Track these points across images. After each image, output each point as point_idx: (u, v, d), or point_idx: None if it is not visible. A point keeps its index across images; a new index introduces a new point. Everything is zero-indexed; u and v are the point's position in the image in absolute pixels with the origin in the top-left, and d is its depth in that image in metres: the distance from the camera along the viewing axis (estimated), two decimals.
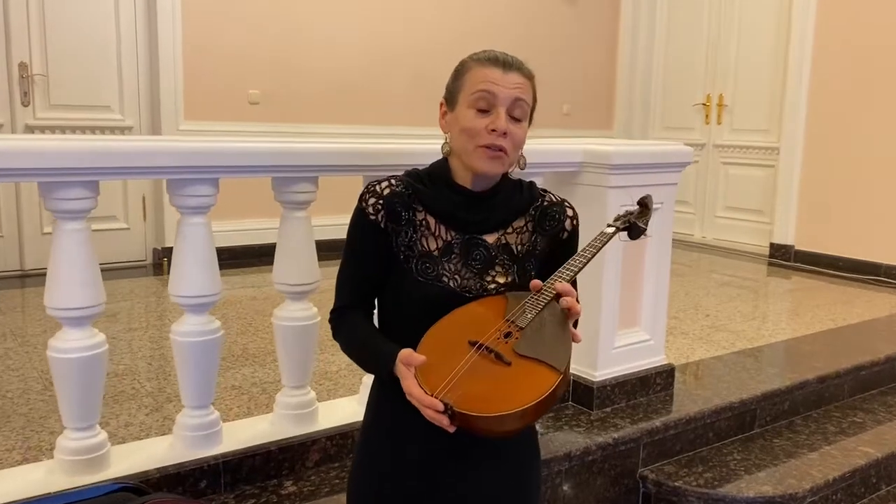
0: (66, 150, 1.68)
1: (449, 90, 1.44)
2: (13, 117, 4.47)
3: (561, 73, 6.53)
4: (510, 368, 1.22)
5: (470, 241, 1.42)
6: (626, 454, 2.49)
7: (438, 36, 5.75)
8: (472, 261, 1.41)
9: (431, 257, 1.40)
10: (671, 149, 2.69)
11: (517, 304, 1.32)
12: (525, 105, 1.39)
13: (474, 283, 1.40)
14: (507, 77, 1.37)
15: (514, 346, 1.25)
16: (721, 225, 6.28)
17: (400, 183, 1.42)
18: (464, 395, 1.17)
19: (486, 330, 1.27)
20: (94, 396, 1.84)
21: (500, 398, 1.18)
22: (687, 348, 3.45)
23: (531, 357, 1.23)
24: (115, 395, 2.70)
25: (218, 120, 5.01)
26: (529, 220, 1.48)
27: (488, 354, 1.24)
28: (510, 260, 1.43)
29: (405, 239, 1.40)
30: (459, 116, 1.38)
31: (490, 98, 1.35)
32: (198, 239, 1.92)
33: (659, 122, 6.82)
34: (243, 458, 2.02)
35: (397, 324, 1.42)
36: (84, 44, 4.61)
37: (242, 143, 1.92)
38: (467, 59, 1.43)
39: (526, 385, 1.19)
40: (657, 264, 2.74)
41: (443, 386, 1.19)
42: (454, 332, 1.29)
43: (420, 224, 1.41)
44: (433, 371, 1.22)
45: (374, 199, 1.40)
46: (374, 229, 1.40)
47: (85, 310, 1.77)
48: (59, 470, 1.84)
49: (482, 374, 1.21)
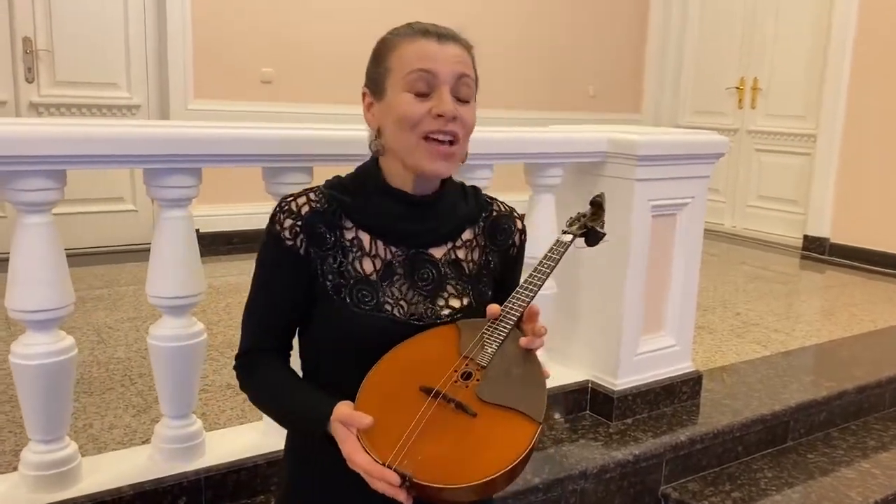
0: (26, 137, 1.50)
1: (371, 76, 1.19)
2: (17, 94, 4.32)
3: (586, 52, 6.26)
4: (477, 421, 1.00)
5: (415, 257, 1.18)
6: (648, 470, 2.29)
7: (456, 12, 5.51)
8: (420, 281, 1.17)
9: (368, 282, 1.15)
10: (704, 138, 2.46)
11: (473, 336, 1.10)
12: (471, 81, 1.16)
13: (424, 309, 1.16)
14: (444, 49, 1.13)
15: (476, 390, 1.03)
16: (752, 215, 6.00)
17: (321, 196, 1.18)
18: (424, 461, 0.95)
19: (439, 372, 1.04)
20: (61, 406, 1.67)
21: (471, 461, 0.95)
22: (714, 349, 3.24)
23: (500, 405, 1.01)
24: (104, 392, 2.55)
25: (229, 99, 4.82)
26: (479, 233, 1.25)
27: (447, 404, 1.01)
28: (462, 279, 1.20)
29: (333, 264, 1.15)
30: (392, 104, 1.13)
31: (429, 78, 1.11)
32: (177, 234, 1.74)
33: (689, 105, 6.53)
34: (227, 472, 1.86)
35: (330, 367, 1.17)
36: (90, 18, 4.43)
37: (226, 129, 1.72)
38: (389, 36, 1.18)
39: (500, 441, 0.97)
40: (686, 264, 2.52)
41: (396, 450, 0.96)
42: (400, 376, 1.05)
43: (351, 244, 1.17)
44: (380, 430, 0.98)
45: (291, 221, 1.14)
46: (292, 257, 1.15)
47: (50, 312, 1.60)
48: (23, 485, 1.68)
49: (443, 430, 0.98)
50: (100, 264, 4.20)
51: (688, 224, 2.50)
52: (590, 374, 2.52)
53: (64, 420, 1.70)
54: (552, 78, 6.12)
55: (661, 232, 2.45)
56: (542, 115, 5.83)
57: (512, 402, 1.01)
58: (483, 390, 1.02)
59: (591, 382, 2.49)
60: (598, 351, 2.50)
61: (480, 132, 2.14)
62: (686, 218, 2.49)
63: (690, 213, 2.49)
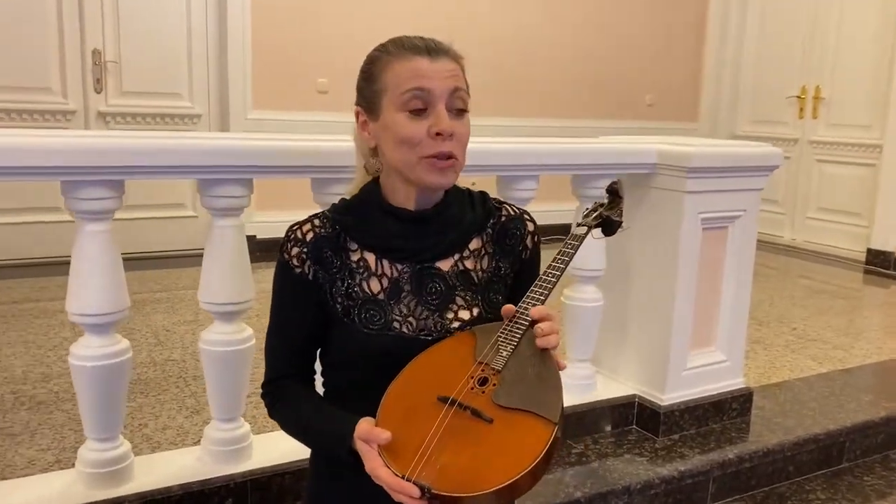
0: (85, 148, 1.57)
1: (364, 94, 1.19)
2: (86, 104, 4.51)
3: (644, 61, 6.20)
4: (493, 426, 0.99)
5: (421, 272, 1.19)
6: (694, 488, 2.25)
7: (514, 20, 5.53)
8: (428, 296, 1.18)
9: (376, 302, 1.17)
10: (758, 150, 2.42)
11: (488, 341, 1.09)
12: (465, 94, 1.16)
13: (433, 323, 1.17)
14: (437, 65, 1.12)
15: (492, 395, 1.02)
16: (813, 227, 5.83)
17: (325, 221, 1.20)
18: (442, 471, 0.95)
19: (455, 380, 1.04)
20: (115, 407, 1.74)
21: (487, 467, 0.96)
22: (768, 366, 3.16)
23: (516, 408, 1.01)
24: (159, 393, 2.63)
25: (286, 109, 4.94)
26: (488, 241, 1.24)
27: (463, 412, 1.01)
28: (472, 289, 1.20)
29: (342, 287, 1.17)
30: (389, 124, 1.14)
31: (425, 96, 1.11)
32: (227, 243, 1.79)
33: (748, 114, 6.39)
34: (272, 476, 1.90)
35: (347, 388, 1.20)
36: (155, 31, 4.60)
37: (274, 141, 1.77)
38: (379, 54, 1.18)
39: (515, 446, 0.97)
40: (737, 278, 2.47)
41: (414, 463, 0.96)
42: (418, 388, 1.06)
43: (357, 266, 1.18)
44: (400, 443, 0.99)
45: (298, 249, 1.17)
46: (302, 284, 1.17)
47: (106, 316, 1.67)
48: (80, 481, 1.75)
49: (460, 438, 0.98)
50: (161, 268, 4.33)
51: (739, 237, 2.45)
52: (637, 388, 2.49)
53: (118, 420, 1.77)
54: (608, 86, 6.07)
55: (712, 245, 2.41)
56: (598, 123, 5.79)
57: (527, 405, 1.01)
58: (498, 395, 1.03)
59: (637, 397, 2.46)
60: (645, 365, 2.47)
61: (525, 143, 2.17)
62: (738, 231, 2.44)
63: (742, 226, 2.44)
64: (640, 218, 2.43)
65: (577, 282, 2.39)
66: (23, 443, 2.22)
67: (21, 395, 2.56)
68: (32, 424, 2.35)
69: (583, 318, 2.39)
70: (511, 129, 5.27)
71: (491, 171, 2.12)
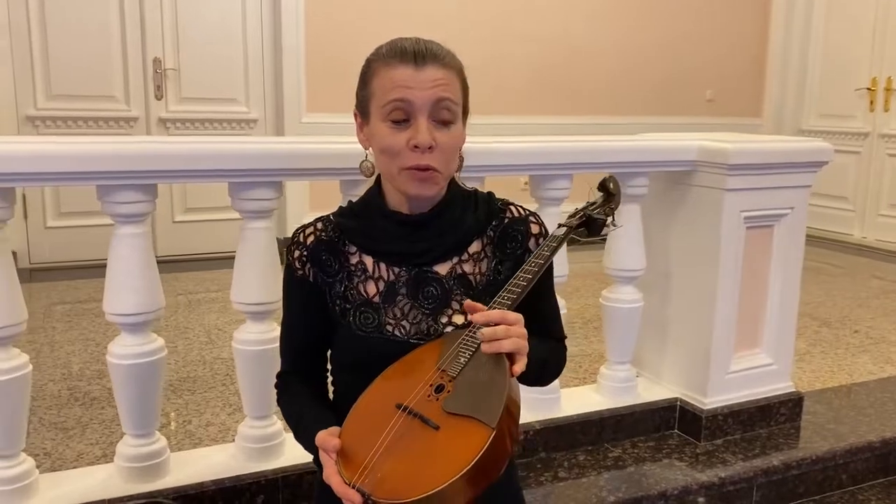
0: (119, 153, 1.63)
1: (359, 98, 1.20)
2: (147, 111, 4.67)
3: (703, 54, 6.04)
4: (438, 433, 0.99)
5: (418, 276, 1.18)
6: (736, 495, 2.18)
7: (569, 16, 5.47)
8: (423, 299, 1.18)
9: (370, 305, 1.18)
10: (804, 146, 2.33)
11: (450, 348, 1.08)
12: (452, 104, 1.13)
13: (427, 327, 1.17)
14: (420, 75, 1.10)
15: (443, 402, 1.01)
16: (885, 224, 5.57)
17: (328, 224, 1.23)
18: (383, 478, 0.96)
19: (414, 387, 1.04)
20: (149, 403, 1.79)
21: (422, 474, 0.95)
22: (825, 368, 3.04)
23: (460, 414, 0.99)
24: (206, 390, 2.71)
25: (339, 112, 4.99)
26: (488, 244, 1.22)
27: (413, 419, 1.01)
28: (469, 294, 1.18)
29: (339, 290, 1.19)
30: (374, 132, 1.15)
31: (405, 107, 1.10)
32: (258, 244, 1.83)
33: (814, 108, 6.16)
34: (303, 473, 1.93)
35: (349, 388, 1.20)
36: (213, 39, 4.74)
37: (303, 144, 1.80)
38: (371, 58, 1.18)
39: (452, 451, 0.96)
40: (784, 279, 2.38)
41: (360, 470, 0.98)
42: (382, 395, 1.06)
43: (355, 268, 1.20)
44: (353, 450, 1.01)
45: (299, 252, 1.21)
46: (304, 286, 1.21)
47: (141, 315, 1.73)
48: (118, 476, 1.82)
49: (406, 445, 0.99)
50: (216, 269, 4.45)
51: (786, 236, 2.36)
52: (679, 391, 2.43)
53: (153, 416, 1.82)
54: (665, 81, 5.94)
55: (757, 245, 2.33)
56: (656, 120, 5.67)
57: (469, 411, 0.99)
58: (448, 402, 1.02)
59: (679, 400, 2.40)
60: (687, 368, 2.40)
61: (557, 142, 2.14)
62: (784, 230, 2.35)
63: (789, 224, 2.36)
64: (680, 216, 2.37)
65: (616, 282, 2.34)
66: (74, 437, 2.32)
67: (76, 391, 2.68)
68: (84, 419, 2.45)
69: (621, 320, 2.34)
70: (566, 128, 5.22)
71: (524, 170, 2.11)
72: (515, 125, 5.17)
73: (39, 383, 2.72)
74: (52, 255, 4.51)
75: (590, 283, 4.26)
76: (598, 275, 2.71)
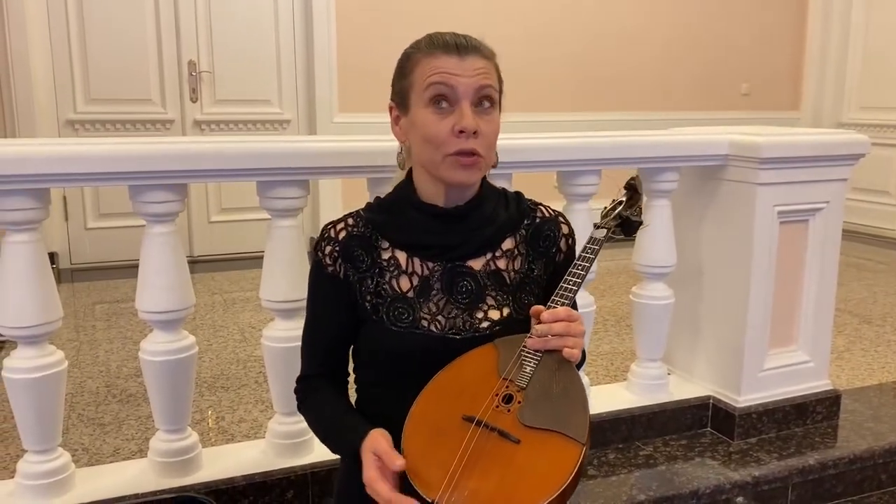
0: (149, 154, 1.66)
1: (396, 90, 1.21)
2: (183, 113, 4.75)
3: (738, 47, 5.94)
4: (520, 448, 0.97)
5: (453, 270, 1.18)
6: (770, 494, 2.14)
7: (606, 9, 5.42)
8: (458, 294, 1.17)
9: (405, 300, 1.17)
10: (839, 138, 2.27)
11: (511, 355, 1.06)
12: (493, 91, 1.15)
13: (462, 322, 1.16)
14: (465, 63, 1.13)
15: (518, 415, 1.00)
16: None
17: (359, 220, 1.22)
18: (472, 496, 0.93)
19: (480, 398, 1.02)
20: (182, 399, 1.82)
21: (516, 492, 0.93)
22: (865, 366, 2.97)
23: (543, 428, 0.98)
24: (239, 388, 2.75)
25: (370, 112, 5.02)
26: (521, 241, 1.22)
27: (490, 433, 0.99)
28: (503, 290, 1.18)
29: (371, 285, 1.18)
30: (416, 121, 1.15)
31: (449, 92, 1.12)
32: (286, 242, 1.85)
33: (855, 101, 6.01)
34: (332, 469, 1.94)
35: (376, 385, 1.21)
36: (245, 41, 4.80)
37: (328, 142, 1.82)
38: (411, 50, 1.19)
39: (544, 469, 0.95)
40: (821, 274, 2.33)
41: (443, 488, 0.94)
42: (443, 405, 1.04)
43: (388, 264, 1.19)
44: (427, 465, 0.98)
45: (330, 247, 1.20)
46: (334, 282, 1.20)
47: (171, 313, 1.76)
48: (151, 470, 1.85)
49: (488, 461, 0.97)
50: (251, 268, 4.50)
51: (822, 231, 2.31)
52: (712, 389, 2.39)
53: (185, 412, 1.85)
54: (700, 76, 5.85)
55: (791, 240, 2.28)
56: (690, 115, 5.59)
57: (554, 425, 0.99)
58: (524, 414, 1.01)
59: (712, 398, 2.37)
60: (720, 365, 2.37)
61: (585, 138, 2.12)
62: (820, 224, 2.31)
63: (825, 218, 2.31)
64: (712, 211, 2.33)
65: (646, 279, 2.32)
66: (111, 432, 2.37)
67: (113, 388, 2.73)
68: (121, 416, 2.50)
69: (652, 316, 2.31)
70: (598, 124, 5.17)
71: (552, 166, 2.09)
72: (547, 122, 5.14)
73: (79, 380, 2.79)
74: (92, 256, 4.62)
75: (623, 280, 4.23)
76: (630, 271, 2.69)
